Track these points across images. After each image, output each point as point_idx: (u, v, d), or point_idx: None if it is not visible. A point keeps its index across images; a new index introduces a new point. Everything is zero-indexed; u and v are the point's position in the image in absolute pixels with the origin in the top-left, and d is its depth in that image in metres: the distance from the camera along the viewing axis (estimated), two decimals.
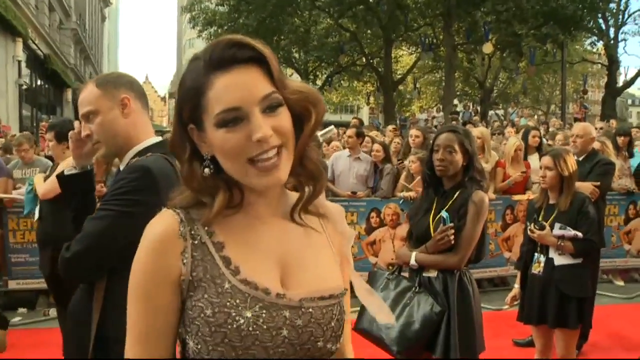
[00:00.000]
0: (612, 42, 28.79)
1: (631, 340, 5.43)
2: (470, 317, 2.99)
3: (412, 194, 6.58)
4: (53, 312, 5.92)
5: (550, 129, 12.34)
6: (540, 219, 3.89)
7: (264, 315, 1.08)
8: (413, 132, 7.71)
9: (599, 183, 5.03)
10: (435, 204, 3.16)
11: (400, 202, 6.80)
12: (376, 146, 7.24)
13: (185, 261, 1.10)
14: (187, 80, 1.12)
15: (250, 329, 1.06)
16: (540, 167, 3.91)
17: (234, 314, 1.06)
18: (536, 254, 3.92)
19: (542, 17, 22.08)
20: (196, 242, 1.12)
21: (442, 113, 22.41)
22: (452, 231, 3.00)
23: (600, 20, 27.13)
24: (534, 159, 7.25)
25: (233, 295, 1.08)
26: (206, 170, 1.12)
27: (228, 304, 1.07)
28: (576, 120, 16.13)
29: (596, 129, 7.59)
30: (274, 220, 1.19)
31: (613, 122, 13.72)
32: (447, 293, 2.99)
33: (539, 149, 7.46)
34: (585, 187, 4.77)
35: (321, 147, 7.84)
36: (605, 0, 23.91)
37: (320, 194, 1.22)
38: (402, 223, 6.79)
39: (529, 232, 3.90)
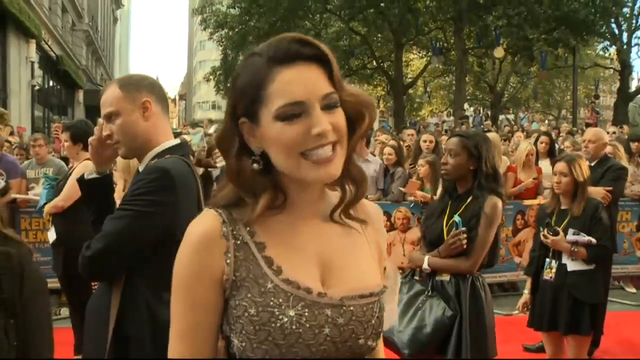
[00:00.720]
0: (625, 47, 28.64)
1: None
2: (482, 322, 2.99)
3: (419, 193, 6.56)
4: (65, 311, 5.97)
5: (561, 135, 12.28)
6: (552, 224, 3.86)
7: (306, 314, 1.10)
8: (425, 136, 7.69)
9: (611, 188, 5.01)
10: (449, 208, 3.17)
11: (411, 205, 6.79)
12: (388, 149, 7.23)
13: (228, 261, 1.12)
14: (244, 74, 1.13)
15: (294, 327, 1.08)
16: (554, 173, 3.89)
17: (277, 312, 1.08)
18: (548, 260, 3.89)
19: (553, 22, 21.99)
20: (238, 242, 1.14)
21: (453, 117, 22.35)
22: (465, 235, 3.00)
23: (613, 25, 26.98)
24: (545, 164, 7.23)
25: (276, 294, 1.09)
26: (255, 165, 1.13)
27: (271, 303, 1.09)
28: (587, 125, 16.03)
29: (608, 133, 7.58)
30: (314, 220, 1.20)
31: (625, 128, 13.64)
32: (460, 297, 3.00)
33: (552, 154, 7.43)
34: (597, 192, 4.75)
35: None
36: (619, 4, 23.76)
37: (362, 198, 1.24)
38: (412, 227, 6.78)
39: (542, 238, 3.86)
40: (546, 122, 24.67)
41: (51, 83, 24.91)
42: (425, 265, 3.10)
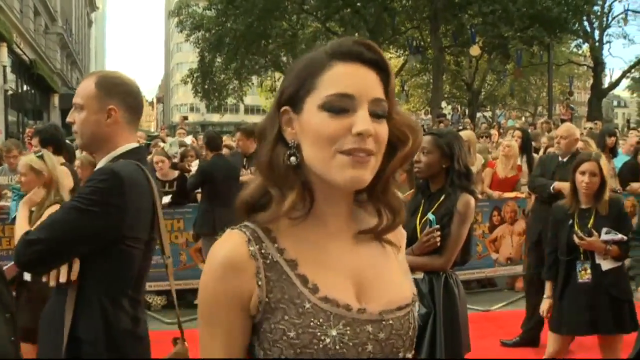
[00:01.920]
0: (597, 44, 29.10)
1: None
2: (456, 319, 3.01)
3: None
4: None
5: (536, 130, 12.41)
6: (576, 225, 3.73)
7: (348, 332, 1.05)
8: None
9: None
10: (422, 206, 3.19)
11: None
12: None
13: (260, 283, 1.07)
14: (301, 64, 1.12)
15: (337, 347, 1.04)
16: (583, 173, 3.72)
17: (319, 333, 1.03)
18: (579, 263, 3.74)
19: (527, 20, 22.25)
20: (268, 261, 1.08)
21: (430, 116, 22.49)
22: (438, 233, 3.02)
23: (586, 23, 27.40)
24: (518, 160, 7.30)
25: (315, 314, 1.04)
26: (292, 158, 1.09)
27: (312, 323, 1.04)
28: (563, 121, 16.23)
29: (585, 129, 7.69)
30: (343, 235, 1.15)
31: (599, 124, 13.86)
32: (433, 295, 3.01)
33: (526, 150, 7.51)
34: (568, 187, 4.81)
35: None
36: (590, 2, 24.13)
37: (397, 227, 1.21)
38: None
39: (576, 240, 3.68)
40: (522, 118, 24.95)
41: (25, 87, 24.54)
42: None
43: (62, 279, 2.02)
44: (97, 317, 2.02)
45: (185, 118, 12.79)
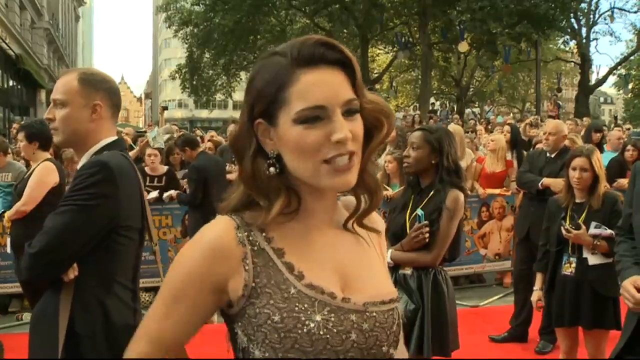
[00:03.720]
0: (584, 41, 29.31)
1: None
2: (444, 315, 3.02)
3: (389, 192, 6.61)
4: (27, 316, 5.83)
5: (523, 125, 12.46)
6: (567, 218, 3.75)
7: (332, 318, 1.07)
8: None
9: None
10: (411, 202, 3.19)
11: None
12: None
13: (247, 267, 1.09)
14: (265, 74, 1.09)
15: (321, 332, 1.05)
16: (574, 169, 3.74)
17: (303, 318, 1.05)
18: (566, 255, 3.77)
19: (516, 16, 22.36)
20: (255, 248, 1.10)
21: (419, 112, 22.55)
22: (427, 229, 3.02)
23: (573, 20, 27.58)
24: (508, 156, 7.33)
25: (300, 299, 1.06)
26: (272, 169, 1.10)
27: (296, 308, 1.05)
28: (550, 118, 16.32)
29: (576, 124, 7.73)
30: (329, 229, 1.18)
31: (586, 120, 13.91)
32: (422, 291, 3.02)
33: (514, 145, 7.54)
34: (557, 183, 4.83)
35: None
36: (577, 0, 24.30)
37: (377, 207, 1.22)
38: None
39: (563, 232, 3.70)
40: (511, 115, 25.05)
41: (11, 83, 24.33)
42: (388, 259, 3.11)
43: (75, 272, 2.01)
44: (95, 310, 2.01)
45: (165, 108, 12.42)
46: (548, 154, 5.14)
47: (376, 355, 1.12)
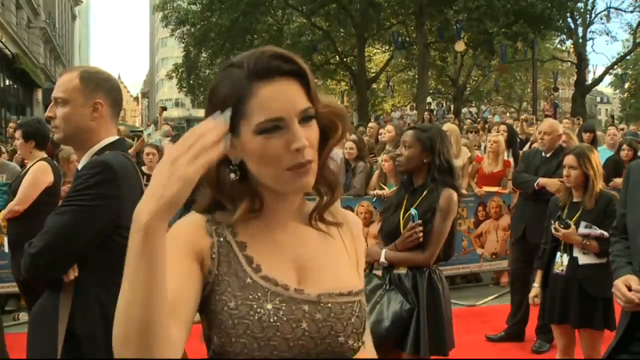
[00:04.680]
0: (580, 40, 29.35)
1: None
2: (440, 314, 3.02)
3: (385, 192, 6.62)
4: (24, 316, 5.82)
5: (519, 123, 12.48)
6: (563, 217, 3.77)
7: (283, 307, 1.13)
8: (387, 127, 7.75)
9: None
10: (405, 201, 3.19)
11: (373, 200, 6.82)
12: (349, 144, 7.21)
13: (214, 256, 1.16)
14: (224, 86, 1.16)
15: (271, 320, 1.11)
16: (564, 166, 3.81)
17: (255, 306, 1.12)
18: (558, 254, 3.80)
19: (512, 16, 22.37)
20: (221, 239, 1.18)
21: (416, 111, 22.55)
22: (421, 229, 3.03)
23: (569, 20, 27.62)
24: (505, 155, 7.35)
25: (255, 289, 1.14)
26: (232, 175, 1.17)
27: (250, 296, 1.12)
28: (547, 117, 16.36)
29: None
30: (292, 225, 1.26)
31: (579, 119, 13.96)
32: (417, 290, 3.02)
33: (511, 145, 7.56)
34: (553, 183, 4.85)
35: None
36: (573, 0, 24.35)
37: (335, 202, 1.29)
38: (374, 221, 6.82)
39: (553, 231, 3.77)
40: (507, 114, 25.10)
41: (7, 82, 24.26)
42: (382, 259, 3.12)
43: (75, 272, 2.02)
44: (95, 311, 2.01)
45: (164, 109, 12.40)
46: (543, 154, 5.15)
47: (331, 345, 1.17)
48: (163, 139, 9.09)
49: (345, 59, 28.25)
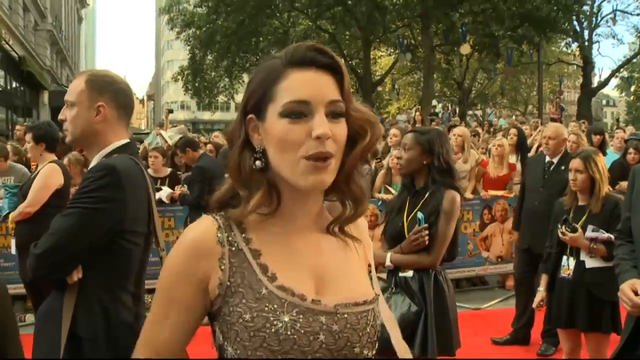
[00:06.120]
0: (586, 43, 29.26)
1: None
2: (447, 316, 3.04)
3: (390, 197, 6.62)
4: (30, 317, 5.86)
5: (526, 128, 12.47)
6: (569, 221, 3.74)
7: (301, 319, 1.10)
8: (392, 131, 7.76)
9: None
10: (408, 204, 3.21)
11: (379, 203, 6.83)
12: None
13: (223, 267, 1.14)
14: (261, 73, 1.17)
15: (289, 332, 1.09)
16: (570, 170, 3.79)
17: (272, 318, 1.09)
18: (565, 257, 3.78)
19: (518, 19, 22.33)
20: (233, 248, 1.15)
21: (419, 112, 22.50)
22: (427, 232, 3.04)
23: (575, 23, 27.54)
24: (513, 159, 7.34)
25: (271, 300, 1.11)
26: (257, 162, 1.15)
27: (266, 308, 1.10)
28: (553, 120, 16.31)
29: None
30: (309, 231, 1.22)
31: (584, 122, 13.93)
32: (424, 292, 3.03)
33: (520, 148, 7.54)
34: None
35: None
36: (579, 2, 24.26)
37: (361, 216, 1.26)
38: (380, 224, 6.81)
39: (559, 235, 3.73)
40: (513, 117, 25.04)
41: (14, 84, 24.34)
42: (387, 262, 3.14)
43: (79, 274, 2.03)
44: (98, 313, 2.03)
45: (170, 111, 12.45)
46: (548, 158, 5.12)
47: (347, 356, 1.14)
48: (176, 135, 9.10)
49: (350, 62, 28.25)
